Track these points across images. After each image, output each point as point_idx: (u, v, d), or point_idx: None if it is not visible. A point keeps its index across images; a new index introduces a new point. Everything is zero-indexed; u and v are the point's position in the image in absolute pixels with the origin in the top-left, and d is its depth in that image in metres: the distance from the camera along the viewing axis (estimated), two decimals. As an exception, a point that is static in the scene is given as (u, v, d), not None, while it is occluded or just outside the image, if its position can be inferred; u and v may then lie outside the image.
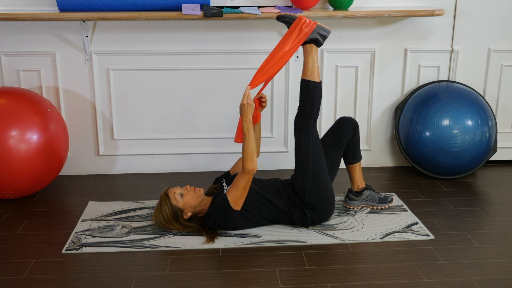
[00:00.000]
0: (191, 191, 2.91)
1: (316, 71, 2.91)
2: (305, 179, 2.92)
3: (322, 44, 2.92)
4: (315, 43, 2.90)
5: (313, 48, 2.91)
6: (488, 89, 4.00)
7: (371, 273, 2.58)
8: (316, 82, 2.90)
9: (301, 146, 2.93)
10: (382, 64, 3.87)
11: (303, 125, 2.93)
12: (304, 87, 2.92)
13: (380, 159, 4.06)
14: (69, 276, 2.56)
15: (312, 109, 2.92)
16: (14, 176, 3.21)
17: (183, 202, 2.88)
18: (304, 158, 2.92)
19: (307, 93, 2.91)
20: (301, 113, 2.94)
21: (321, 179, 2.94)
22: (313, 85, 2.90)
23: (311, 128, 2.93)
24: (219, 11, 3.39)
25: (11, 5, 3.57)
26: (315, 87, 2.90)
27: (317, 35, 2.88)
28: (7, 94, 3.31)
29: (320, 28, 2.89)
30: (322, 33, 2.90)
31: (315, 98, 2.91)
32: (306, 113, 2.92)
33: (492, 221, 3.16)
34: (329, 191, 2.99)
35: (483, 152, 3.75)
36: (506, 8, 3.86)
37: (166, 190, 2.94)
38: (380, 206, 3.26)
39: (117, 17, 3.40)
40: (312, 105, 2.91)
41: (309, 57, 2.91)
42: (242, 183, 2.81)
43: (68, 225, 3.08)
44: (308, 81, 2.90)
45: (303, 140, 2.93)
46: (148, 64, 3.73)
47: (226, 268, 2.64)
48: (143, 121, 3.84)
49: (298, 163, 2.95)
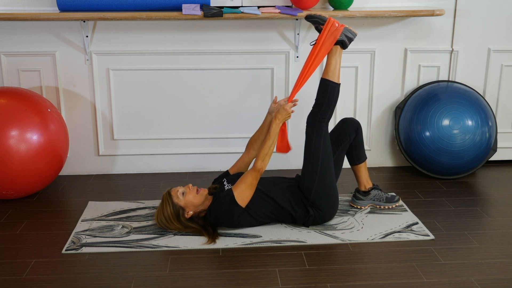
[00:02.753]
0: (194, 190, 2.91)
1: (338, 72, 2.93)
2: (312, 179, 2.92)
3: (348, 46, 2.95)
4: (341, 45, 2.93)
5: (337, 49, 2.93)
6: (488, 89, 3.99)
7: (371, 273, 2.58)
8: (336, 83, 2.93)
9: (311, 145, 2.94)
10: (382, 64, 3.87)
11: (316, 124, 2.94)
12: (323, 86, 2.94)
13: (380, 159, 4.06)
14: (69, 276, 2.56)
15: (327, 109, 2.93)
16: (14, 176, 3.21)
17: (185, 201, 2.88)
18: (314, 158, 2.93)
19: (325, 92, 2.93)
20: (315, 111, 2.95)
21: (327, 180, 2.94)
22: (332, 85, 2.92)
23: (324, 128, 2.94)
24: (219, 11, 3.39)
25: (11, 5, 3.57)
26: (334, 88, 2.92)
27: (344, 37, 2.91)
28: (7, 94, 3.31)
29: (347, 30, 2.92)
30: (349, 36, 2.93)
31: (332, 99, 2.93)
32: (321, 112, 2.93)
33: (492, 221, 3.16)
34: (334, 193, 3.00)
35: (483, 152, 3.75)
36: (506, 8, 3.85)
37: (169, 189, 2.95)
38: (388, 206, 3.26)
39: (117, 17, 3.40)
40: (328, 105, 2.93)
41: (333, 58, 2.93)
42: (250, 179, 2.85)
43: (68, 225, 3.08)
44: (328, 80, 2.92)
45: (314, 139, 2.93)
46: (148, 64, 3.73)
47: (226, 268, 2.64)
48: (143, 121, 3.83)
49: (307, 162, 2.96)
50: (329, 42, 2.89)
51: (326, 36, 2.89)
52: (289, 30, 3.73)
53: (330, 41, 2.89)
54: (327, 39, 2.89)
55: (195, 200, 2.90)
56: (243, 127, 3.85)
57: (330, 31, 2.88)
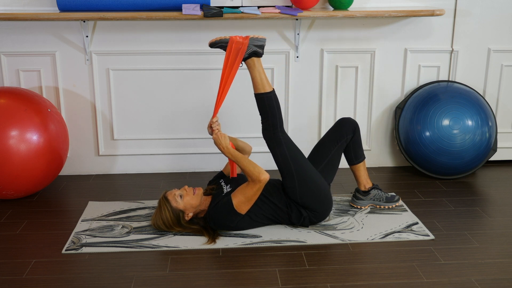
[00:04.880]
0: (190, 191, 2.91)
1: (265, 81, 2.93)
2: (293, 183, 2.92)
3: (262, 53, 2.94)
4: (255, 55, 2.92)
5: (254, 61, 2.93)
6: (488, 89, 4.00)
7: (371, 273, 2.58)
8: (269, 92, 2.93)
9: (277, 155, 2.95)
10: (382, 64, 3.87)
11: (272, 137, 2.95)
12: (259, 101, 2.95)
13: (380, 159, 4.06)
14: (69, 276, 2.56)
15: (274, 119, 2.94)
16: (14, 176, 3.21)
17: (184, 203, 2.88)
18: (285, 164, 2.93)
19: (264, 106, 2.94)
20: (266, 126, 2.96)
21: (308, 179, 2.93)
22: (267, 96, 2.93)
23: (280, 136, 2.95)
24: (219, 11, 3.39)
25: (11, 5, 3.57)
26: (270, 98, 2.93)
27: (253, 48, 2.90)
28: (7, 94, 3.31)
29: (253, 40, 2.91)
30: (258, 44, 2.91)
31: (273, 107, 2.94)
32: (270, 124, 2.94)
33: (492, 221, 3.16)
34: (322, 190, 2.98)
35: (483, 152, 3.75)
36: (506, 8, 3.86)
37: (165, 193, 2.93)
38: (388, 205, 3.26)
39: (117, 17, 3.40)
40: (273, 115, 2.94)
41: (254, 71, 2.93)
42: (251, 192, 2.82)
43: (68, 225, 3.08)
44: (260, 93, 2.94)
45: (277, 150, 2.94)
46: (148, 64, 3.73)
47: (226, 268, 2.64)
48: (143, 121, 3.84)
49: (281, 173, 2.97)
50: (237, 60, 2.90)
51: (231, 55, 2.89)
52: (289, 30, 3.73)
53: (237, 58, 2.89)
54: (233, 57, 2.90)
55: (193, 201, 2.89)
56: (243, 127, 3.85)
57: (235, 48, 2.88)
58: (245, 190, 2.82)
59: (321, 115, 3.90)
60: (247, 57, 2.91)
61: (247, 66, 2.95)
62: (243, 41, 2.89)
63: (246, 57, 2.91)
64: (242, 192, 2.83)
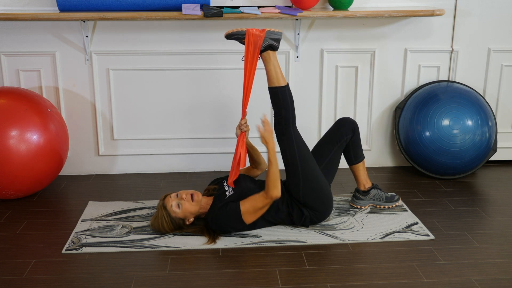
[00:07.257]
0: (188, 198, 2.89)
1: (280, 75, 2.93)
2: (297, 181, 2.92)
3: (278, 46, 2.93)
4: (271, 49, 2.92)
5: (270, 54, 2.92)
6: (488, 89, 4.00)
7: (371, 273, 2.58)
8: (283, 86, 2.92)
9: (286, 151, 2.95)
10: (382, 64, 3.87)
11: (283, 131, 2.95)
12: (273, 94, 2.94)
13: (380, 159, 4.06)
14: (69, 276, 2.56)
15: (287, 113, 2.93)
16: (14, 176, 3.21)
17: (183, 212, 2.88)
18: (292, 161, 2.93)
19: (278, 99, 2.93)
20: (278, 120, 2.96)
21: (312, 178, 2.94)
22: (281, 90, 2.92)
23: (292, 131, 2.95)
24: (219, 11, 3.39)
25: (11, 5, 3.57)
26: (284, 92, 2.92)
27: (269, 41, 2.89)
28: (7, 94, 3.31)
29: (270, 33, 2.90)
30: (274, 37, 2.91)
31: (287, 102, 2.93)
32: (283, 118, 2.94)
33: (492, 221, 3.16)
34: (324, 190, 2.98)
35: (483, 152, 3.75)
36: (506, 8, 3.86)
37: (163, 201, 2.91)
38: (388, 205, 3.26)
39: (117, 17, 3.40)
40: (286, 109, 2.93)
41: (269, 64, 2.93)
42: (261, 204, 2.82)
43: (68, 225, 3.08)
44: (275, 87, 2.93)
45: (287, 145, 2.94)
46: (148, 64, 3.73)
47: (226, 268, 2.64)
48: (143, 121, 3.84)
49: (287, 169, 2.97)
50: (255, 52, 2.89)
51: (250, 47, 2.89)
52: (289, 30, 3.73)
53: (256, 50, 2.88)
54: (251, 51, 2.89)
55: (193, 209, 2.89)
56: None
57: (252, 41, 2.88)
58: (255, 201, 2.82)
59: (321, 115, 3.90)
60: (263, 50, 2.90)
61: (262, 59, 2.94)
62: (259, 34, 2.88)
63: (262, 50, 2.90)
64: (251, 202, 2.83)
